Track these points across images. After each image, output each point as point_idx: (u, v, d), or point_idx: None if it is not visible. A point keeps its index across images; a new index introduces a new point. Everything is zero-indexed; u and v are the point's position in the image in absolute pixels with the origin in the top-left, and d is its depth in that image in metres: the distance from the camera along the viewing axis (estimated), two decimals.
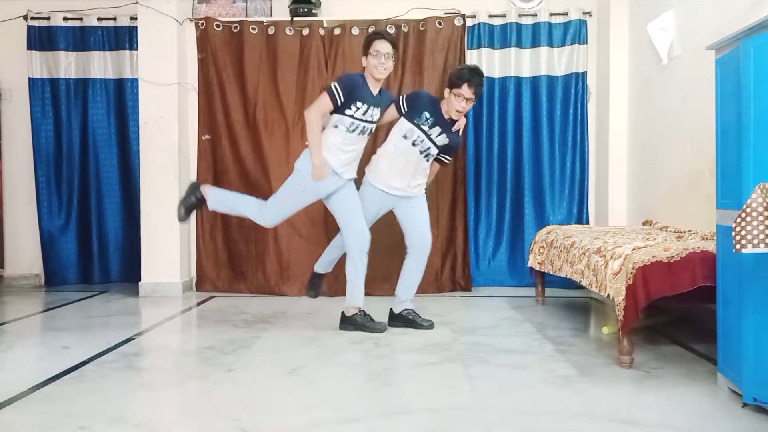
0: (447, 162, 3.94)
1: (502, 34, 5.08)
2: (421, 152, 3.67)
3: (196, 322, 4.06)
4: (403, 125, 3.68)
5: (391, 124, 3.82)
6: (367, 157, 3.85)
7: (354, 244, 3.56)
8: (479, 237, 5.15)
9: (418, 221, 3.75)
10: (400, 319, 3.69)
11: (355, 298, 3.60)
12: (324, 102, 3.50)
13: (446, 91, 3.67)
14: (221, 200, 3.69)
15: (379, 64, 3.46)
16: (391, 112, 3.71)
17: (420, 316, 3.70)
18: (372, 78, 3.51)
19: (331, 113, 3.55)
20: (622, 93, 4.89)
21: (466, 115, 3.79)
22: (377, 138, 4.34)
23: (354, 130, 3.52)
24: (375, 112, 3.56)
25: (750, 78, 2.19)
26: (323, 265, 3.91)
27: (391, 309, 3.75)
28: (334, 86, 3.47)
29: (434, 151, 3.71)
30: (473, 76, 3.59)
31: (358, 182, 3.77)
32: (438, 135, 3.66)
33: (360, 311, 3.61)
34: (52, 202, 5.31)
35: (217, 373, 2.80)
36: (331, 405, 2.40)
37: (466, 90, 3.57)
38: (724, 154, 2.43)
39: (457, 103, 3.60)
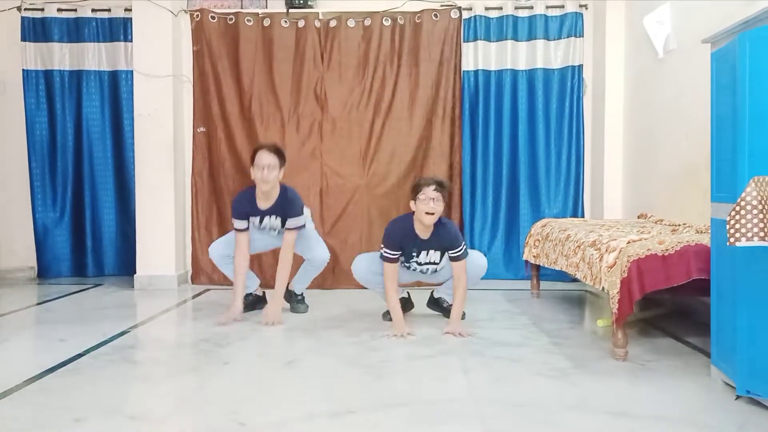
0: (459, 256, 3.46)
1: (498, 27, 5.07)
2: (422, 272, 3.59)
3: (192, 315, 4.06)
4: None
5: None
6: None
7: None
8: (475, 230, 5.16)
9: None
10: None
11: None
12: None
13: (411, 204, 3.38)
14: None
15: (263, 175, 3.52)
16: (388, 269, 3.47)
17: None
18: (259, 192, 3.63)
19: None
20: (617, 86, 4.89)
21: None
22: None
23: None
24: (275, 222, 3.73)
25: (745, 71, 2.19)
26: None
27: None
28: None
29: (435, 267, 3.54)
30: (432, 180, 3.38)
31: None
32: (427, 255, 3.48)
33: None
34: (46, 194, 5.30)
35: (212, 366, 2.81)
36: (327, 397, 2.41)
37: (430, 191, 3.29)
38: (719, 148, 2.43)
39: (425, 205, 3.30)
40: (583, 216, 5.11)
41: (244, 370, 2.76)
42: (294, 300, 4.02)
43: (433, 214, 3.32)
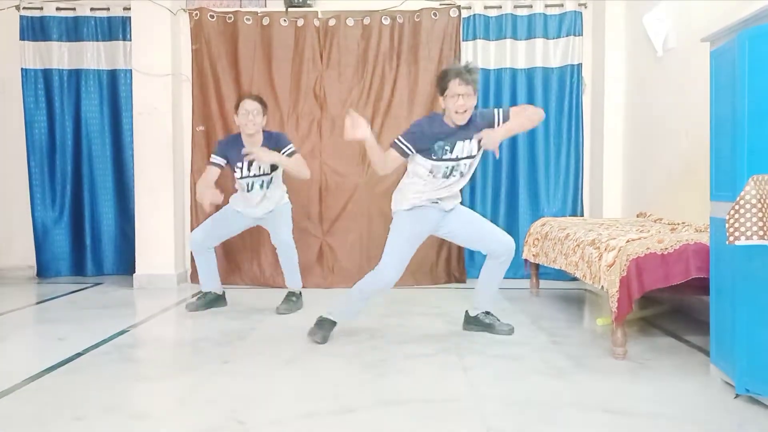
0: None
1: (497, 26, 5.07)
2: (457, 175, 3.14)
3: (191, 314, 4.05)
4: (423, 164, 3.08)
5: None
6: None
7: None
8: None
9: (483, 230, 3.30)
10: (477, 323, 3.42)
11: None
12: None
13: (440, 101, 3.07)
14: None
15: (247, 120, 3.71)
16: (393, 156, 3.06)
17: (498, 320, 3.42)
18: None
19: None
20: (617, 85, 4.88)
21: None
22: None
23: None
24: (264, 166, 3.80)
25: (744, 70, 2.19)
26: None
27: (466, 311, 3.47)
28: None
29: (470, 161, 3.13)
30: (458, 70, 2.99)
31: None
32: (464, 148, 3.08)
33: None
34: (45, 193, 5.29)
35: (212, 365, 2.81)
36: (327, 396, 2.40)
37: (456, 87, 2.96)
38: (718, 146, 2.44)
39: (453, 103, 2.98)
40: (582, 215, 5.11)
41: (244, 369, 2.75)
42: (291, 297, 4.02)
43: (465, 112, 2.99)
